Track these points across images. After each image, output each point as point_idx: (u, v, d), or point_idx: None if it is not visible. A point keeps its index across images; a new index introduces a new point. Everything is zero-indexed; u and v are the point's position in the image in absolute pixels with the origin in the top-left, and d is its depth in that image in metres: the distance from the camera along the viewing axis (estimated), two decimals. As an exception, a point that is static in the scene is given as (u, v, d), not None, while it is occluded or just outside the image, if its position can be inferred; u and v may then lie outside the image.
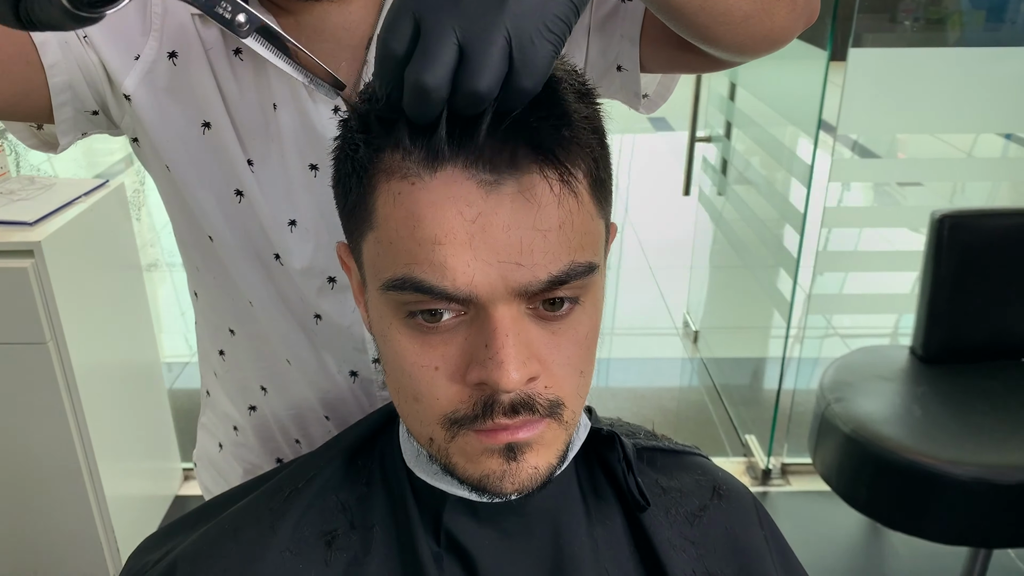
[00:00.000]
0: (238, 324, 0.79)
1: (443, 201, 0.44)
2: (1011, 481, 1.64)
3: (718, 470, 0.67)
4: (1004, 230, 1.98)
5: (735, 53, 0.62)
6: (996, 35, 8.13)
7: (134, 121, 0.68)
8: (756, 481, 2.35)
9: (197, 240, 0.74)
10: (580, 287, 0.48)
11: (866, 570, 2.05)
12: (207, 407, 0.93)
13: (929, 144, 3.70)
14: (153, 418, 2.20)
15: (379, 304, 0.50)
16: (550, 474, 0.51)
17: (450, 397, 0.49)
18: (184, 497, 2.27)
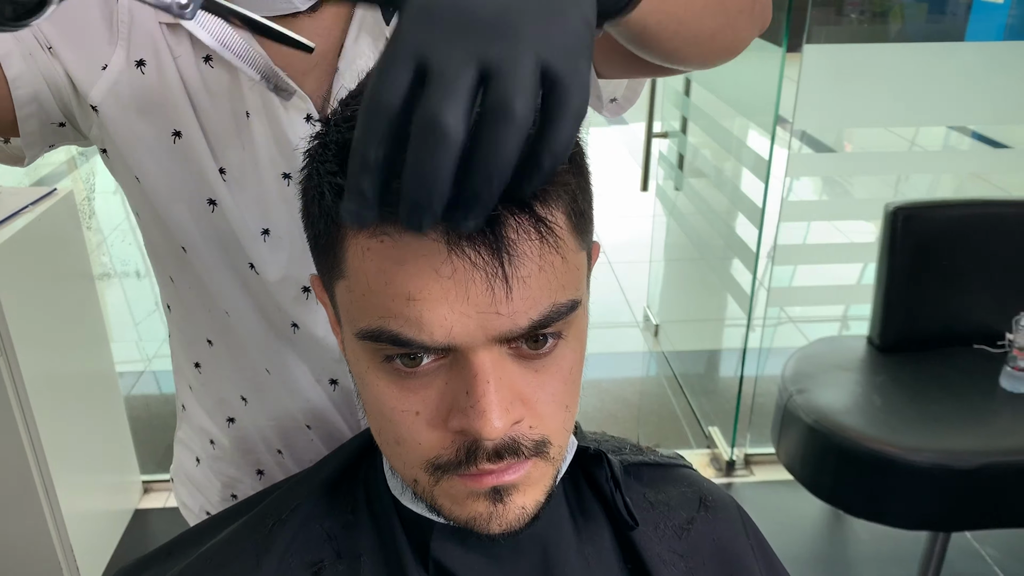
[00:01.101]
0: (216, 334, 0.77)
1: (416, 259, 0.43)
2: (967, 466, 1.68)
3: (703, 481, 0.67)
4: (954, 220, 2.03)
5: (696, 66, 0.61)
6: (938, 27, 8.39)
7: (102, 132, 0.67)
8: (720, 473, 2.38)
9: (170, 251, 0.73)
10: (563, 324, 0.47)
11: (830, 556, 2.10)
12: (183, 421, 0.92)
13: (875, 134, 3.78)
14: (110, 430, 2.14)
15: (355, 347, 0.49)
16: (538, 511, 0.50)
17: (432, 443, 0.47)
18: (144, 511, 2.22)
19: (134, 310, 3.32)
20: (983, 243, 2.02)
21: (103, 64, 0.64)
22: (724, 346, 3.18)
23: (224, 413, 0.83)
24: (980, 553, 2.05)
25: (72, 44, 0.63)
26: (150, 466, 2.33)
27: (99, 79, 0.64)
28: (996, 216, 2.03)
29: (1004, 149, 2.65)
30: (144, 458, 2.30)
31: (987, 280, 2.03)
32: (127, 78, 0.64)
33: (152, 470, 2.32)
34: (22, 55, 0.61)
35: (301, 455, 0.82)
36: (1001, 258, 2.02)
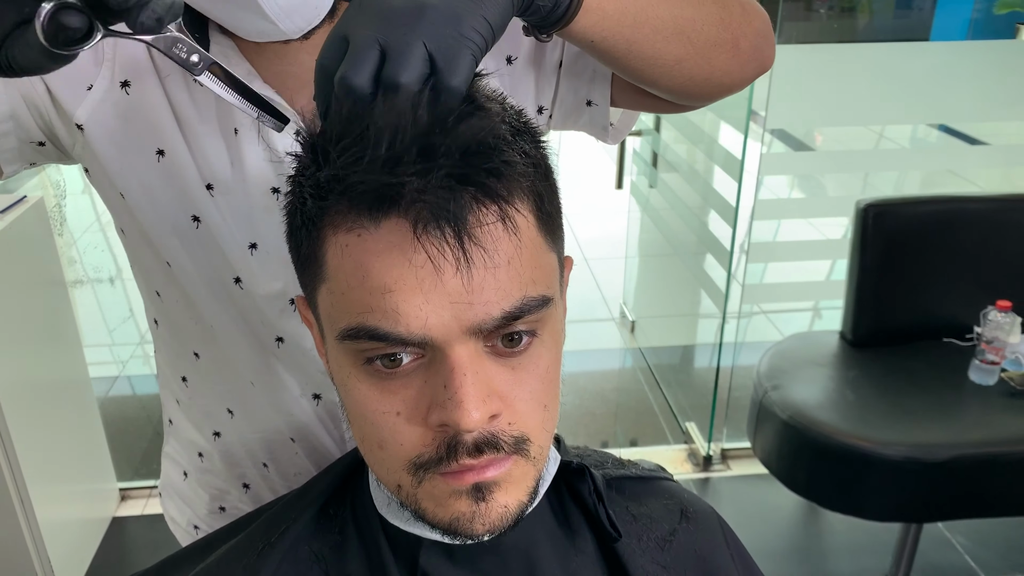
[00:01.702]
0: (202, 347, 0.78)
1: (389, 250, 0.45)
2: (938, 458, 1.72)
3: (684, 492, 0.68)
4: (923, 216, 2.06)
5: (682, 97, 0.64)
6: (905, 23, 8.47)
7: (86, 151, 0.68)
8: (698, 468, 2.41)
9: (156, 266, 0.74)
10: (536, 321, 0.49)
11: (806, 549, 2.13)
12: (170, 436, 0.92)
13: (843, 130, 3.83)
14: (85, 438, 2.12)
15: (337, 354, 0.50)
16: (521, 512, 0.51)
17: (413, 441, 0.49)
18: (122, 519, 2.20)
19: (107, 316, 3.28)
20: (951, 238, 2.05)
21: (88, 85, 0.65)
22: (700, 341, 3.21)
23: (211, 427, 0.84)
24: (951, 542, 2.10)
25: None
26: (127, 473, 2.31)
27: (84, 99, 0.65)
28: (964, 211, 2.07)
29: (974, 145, 2.70)
30: (120, 465, 2.28)
31: (955, 275, 2.07)
32: (112, 98, 0.66)
33: (129, 477, 2.31)
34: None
35: (286, 468, 0.83)
36: (969, 253, 2.06)
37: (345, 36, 0.46)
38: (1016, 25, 7.19)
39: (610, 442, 2.57)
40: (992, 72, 2.18)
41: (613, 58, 0.58)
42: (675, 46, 0.59)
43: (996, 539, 2.10)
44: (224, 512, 0.89)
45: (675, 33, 0.58)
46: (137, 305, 3.35)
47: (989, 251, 2.06)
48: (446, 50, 0.45)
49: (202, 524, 0.91)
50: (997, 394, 1.88)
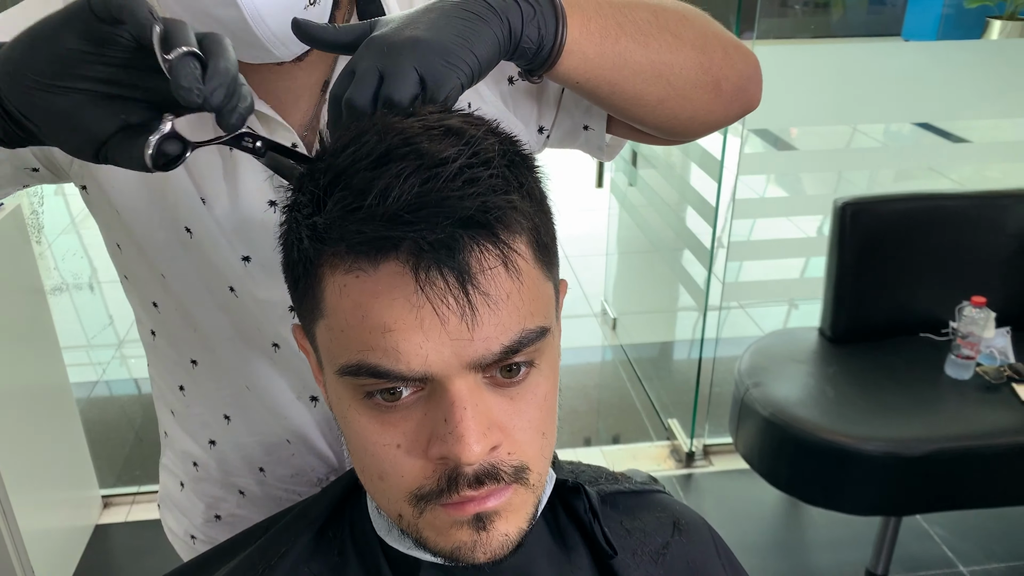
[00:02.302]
0: (200, 354, 0.79)
1: (389, 291, 0.46)
2: (916, 453, 1.75)
3: (676, 504, 0.69)
4: (900, 214, 2.09)
5: (669, 133, 0.69)
6: (878, 19, 8.55)
7: (84, 168, 0.69)
8: (680, 464, 2.43)
9: (153, 278, 0.74)
10: (534, 351, 0.49)
11: (788, 543, 2.16)
12: (166, 448, 0.93)
13: (816, 128, 3.88)
14: (66, 445, 2.10)
15: (337, 387, 0.51)
16: (521, 538, 0.52)
17: (414, 473, 0.49)
18: (105, 526, 2.18)
19: (84, 321, 3.25)
20: (927, 235, 2.09)
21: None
22: (681, 338, 3.24)
23: (207, 435, 0.84)
24: (930, 534, 2.13)
25: None
26: (109, 480, 2.30)
27: None
28: (939, 209, 2.10)
29: (951, 142, 2.73)
30: (103, 472, 2.26)
31: (931, 271, 2.10)
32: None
33: (111, 484, 2.29)
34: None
35: (283, 471, 0.83)
36: (944, 249, 2.09)
37: (352, 70, 0.52)
38: (986, 19, 7.28)
39: (592, 439, 2.58)
40: (966, 70, 2.21)
41: (599, 98, 0.63)
42: (656, 88, 0.63)
43: (973, 530, 2.14)
44: (220, 520, 0.89)
45: (654, 76, 0.62)
46: (115, 310, 3.32)
47: (964, 247, 2.09)
48: (435, 74, 0.51)
49: (199, 534, 0.91)
50: (972, 388, 1.92)
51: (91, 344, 3.11)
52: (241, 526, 0.87)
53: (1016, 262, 2.10)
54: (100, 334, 3.16)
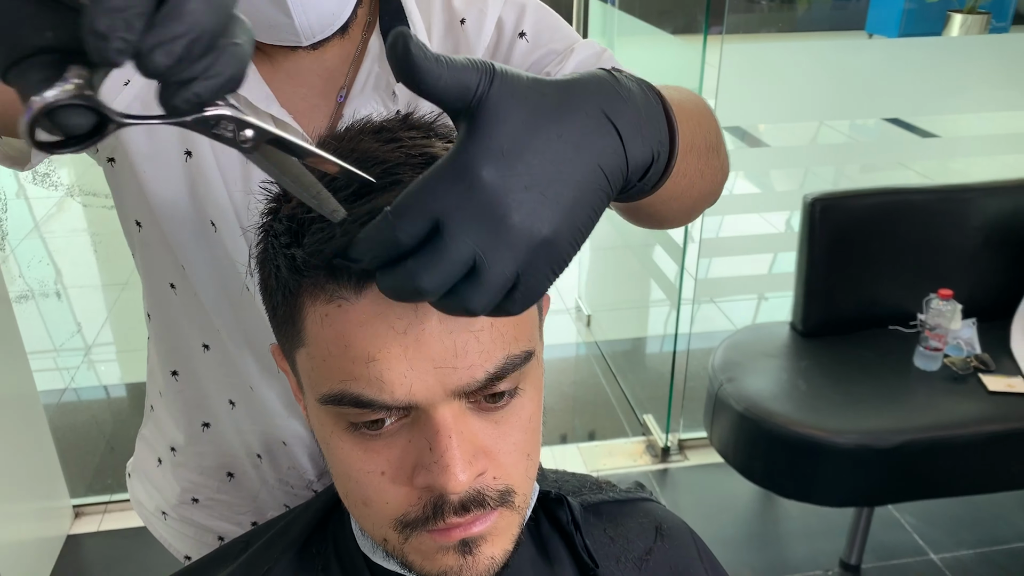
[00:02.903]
0: (213, 342, 0.78)
1: (372, 320, 0.45)
2: (887, 445, 1.78)
3: (659, 510, 0.70)
4: (868, 209, 2.12)
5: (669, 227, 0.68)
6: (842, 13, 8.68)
7: (116, 141, 0.68)
8: (656, 459, 2.45)
9: (175, 263, 0.74)
10: (519, 376, 0.49)
11: (763, 535, 2.19)
12: (150, 420, 0.92)
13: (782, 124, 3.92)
14: (36, 455, 2.07)
15: (319, 414, 0.50)
16: (506, 559, 0.52)
17: (399, 501, 0.49)
18: (77, 536, 2.15)
19: (55, 333, 3.20)
20: (895, 229, 2.12)
21: (126, 80, 0.66)
22: (654, 333, 3.26)
23: (199, 419, 0.84)
24: (901, 522, 2.17)
25: None
26: (80, 489, 2.26)
27: (121, 92, 0.66)
28: (906, 203, 2.14)
29: (915, 136, 2.76)
30: (73, 482, 2.22)
31: (899, 264, 2.13)
32: (147, 95, 0.66)
33: (82, 493, 2.25)
34: None
35: (278, 464, 0.83)
36: (911, 242, 2.13)
37: (439, 220, 0.37)
38: (947, 13, 7.39)
39: (569, 436, 2.59)
40: (930, 67, 2.25)
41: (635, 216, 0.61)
42: (683, 215, 0.62)
43: (943, 518, 2.18)
44: (197, 503, 0.89)
45: (692, 207, 0.61)
46: (83, 316, 3.27)
47: (931, 241, 2.13)
48: (534, 283, 0.39)
49: (171, 512, 0.91)
50: (940, 379, 1.96)
51: (58, 351, 3.06)
52: (220, 509, 0.87)
53: (980, 255, 2.14)
54: (68, 340, 3.11)
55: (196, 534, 0.91)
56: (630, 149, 0.41)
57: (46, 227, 3.99)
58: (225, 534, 0.89)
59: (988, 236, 2.13)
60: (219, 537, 0.90)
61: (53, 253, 3.77)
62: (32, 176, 3.34)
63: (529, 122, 0.38)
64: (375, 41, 0.69)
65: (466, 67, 0.37)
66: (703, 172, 0.56)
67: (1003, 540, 2.12)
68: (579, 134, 0.39)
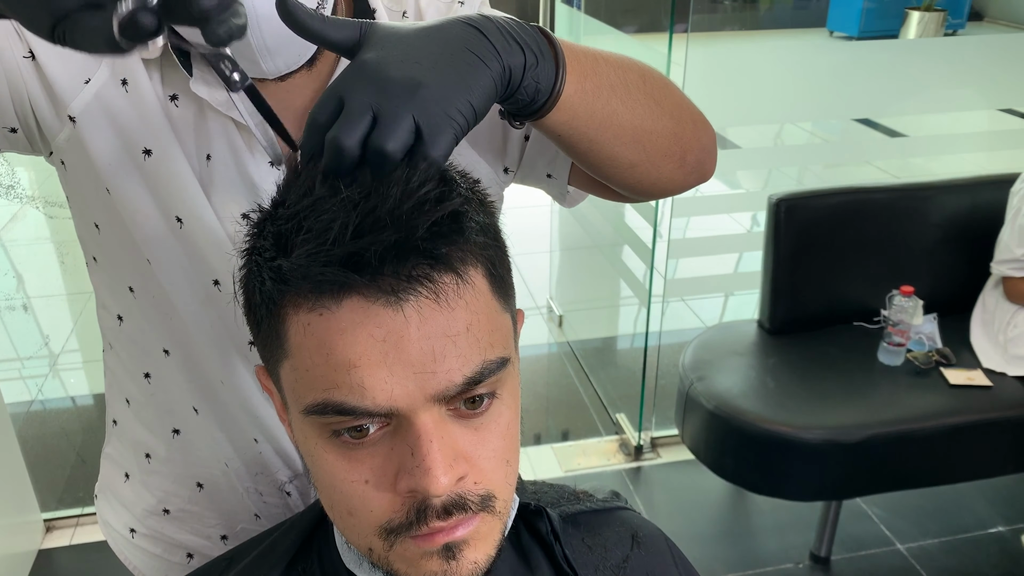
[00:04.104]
0: (174, 345, 0.78)
1: (352, 328, 0.46)
2: (853, 439, 1.82)
3: (635, 518, 0.72)
4: (831, 208, 2.17)
5: (630, 192, 0.69)
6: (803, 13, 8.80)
7: (72, 143, 0.68)
8: (629, 457, 2.48)
9: (133, 263, 0.74)
10: (496, 382, 0.51)
11: (734, 530, 2.22)
12: (113, 436, 0.91)
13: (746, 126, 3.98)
14: (4, 469, 2.04)
15: (303, 426, 0.51)
16: (489, 564, 0.53)
17: (383, 508, 0.50)
18: (48, 551, 2.12)
19: (20, 345, 3.15)
20: (858, 227, 2.17)
21: (86, 78, 0.66)
22: (625, 332, 3.29)
23: (170, 424, 0.83)
24: (868, 514, 2.22)
25: (58, 55, 0.65)
26: (50, 503, 2.23)
27: (81, 91, 0.66)
28: (868, 202, 2.19)
29: (889, 138, 2.82)
30: (43, 495, 2.20)
31: (862, 262, 2.18)
32: (109, 93, 0.67)
33: (53, 507, 2.23)
34: None
35: (248, 468, 0.83)
36: (874, 240, 2.17)
37: (341, 97, 0.48)
38: (905, 11, 7.53)
39: (543, 436, 2.61)
40: (890, 67, 2.30)
41: (574, 151, 0.62)
42: (631, 152, 0.63)
43: (909, 509, 2.23)
44: (168, 515, 0.88)
45: (633, 141, 0.62)
46: (49, 327, 3.22)
47: (893, 238, 2.18)
48: (433, 126, 0.48)
49: (140, 527, 0.91)
50: (904, 373, 2.01)
51: (22, 360, 3.02)
52: (190, 522, 0.87)
53: (940, 251, 2.19)
54: (35, 351, 3.07)
55: (164, 551, 0.90)
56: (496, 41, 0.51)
57: (6, 236, 3.92)
58: (194, 550, 0.89)
59: (947, 232, 2.19)
60: (188, 554, 0.90)
61: (15, 263, 3.71)
62: (-3, 189, 3.28)
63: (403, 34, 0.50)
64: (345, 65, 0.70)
65: (347, 22, 0.51)
66: (626, 103, 0.61)
67: (966, 529, 2.18)
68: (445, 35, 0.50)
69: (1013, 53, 2.36)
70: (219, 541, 0.88)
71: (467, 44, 0.50)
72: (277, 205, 0.51)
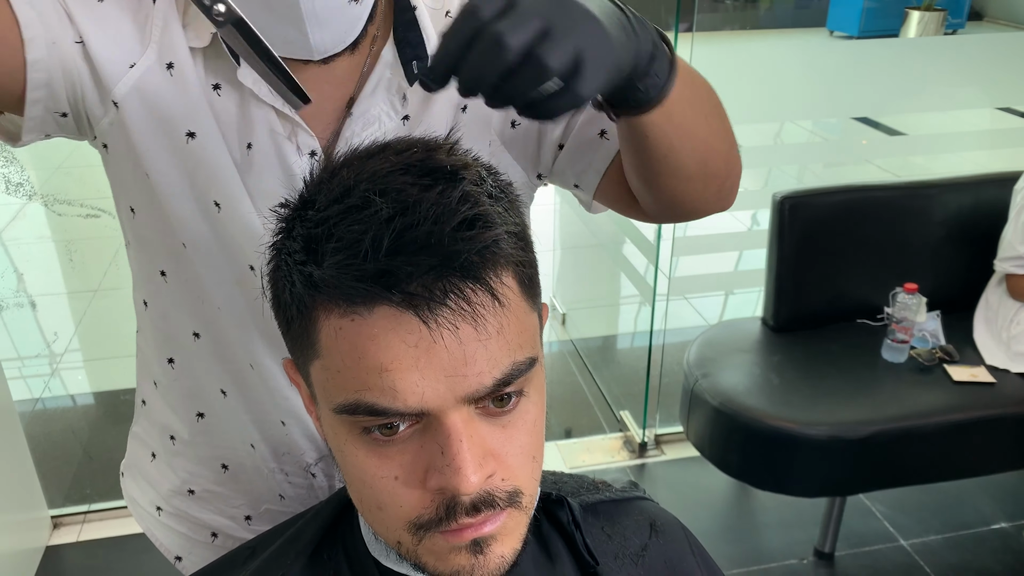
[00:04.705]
0: (204, 328, 0.79)
1: (384, 333, 0.47)
2: (857, 435, 1.83)
3: (652, 507, 0.73)
4: (835, 206, 2.18)
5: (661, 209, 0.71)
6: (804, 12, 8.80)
7: (116, 127, 0.69)
8: (633, 454, 2.49)
9: (168, 246, 0.75)
10: (524, 381, 0.51)
11: (739, 526, 2.24)
12: (141, 416, 0.93)
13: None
14: (12, 466, 2.05)
15: (333, 423, 0.52)
16: (516, 558, 0.54)
17: (412, 503, 0.51)
18: (56, 547, 2.13)
19: (24, 338, 3.16)
20: (861, 225, 2.18)
21: (131, 63, 0.68)
22: (629, 330, 3.30)
23: (195, 408, 0.85)
24: (872, 510, 2.23)
25: (105, 40, 0.67)
26: (57, 500, 2.24)
27: (125, 75, 0.68)
28: (872, 200, 2.20)
29: (890, 137, 2.82)
30: (51, 492, 2.21)
31: (866, 259, 2.19)
32: (153, 77, 0.68)
33: (60, 504, 2.24)
34: (46, 42, 0.64)
35: (274, 450, 0.84)
36: (878, 238, 2.18)
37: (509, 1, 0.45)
38: (905, 10, 7.54)
39: (547, 433, 2.62)
40: (890, 67, 2.31)
41: (650, 154, 0.63)
42: (695, 166, 0.65)
43: (912, 505, 2.25)
44: (193, 495, 0.90)
45: (701, 158, 0.64)
46: (57, 324, 3.23)
47: (896, 236, 2.19)
48: (594, 62, 0.46)
49: (166, 505, 0.92)
50: (907, 370, 2.02)
51: (23, 360, 3.02)
52: (215, 503, 0.89)
53: (943, 249, 2.20)
54: (42, 349, 3.08)
55: (189, 530, 0.92)
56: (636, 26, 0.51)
57: (8, 235, 3.93)
58: (219, 529, 0.91)
59: (950, 230, 2.20)
60: (212, 533, 0.91)
61: (16, 262, 3.72)
62: (5, 186, 3.29)
63: None
64: (388, 50, 0.71)
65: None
66: (708, 119, 0.63)
67: (968, 525, 2.19)
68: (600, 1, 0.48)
69: (1013, 52, 2.37)
70: (243, 521, 0.89)
71: (618, 16, 0.49)
72: (306, 205, 0.51)
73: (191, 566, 0.92)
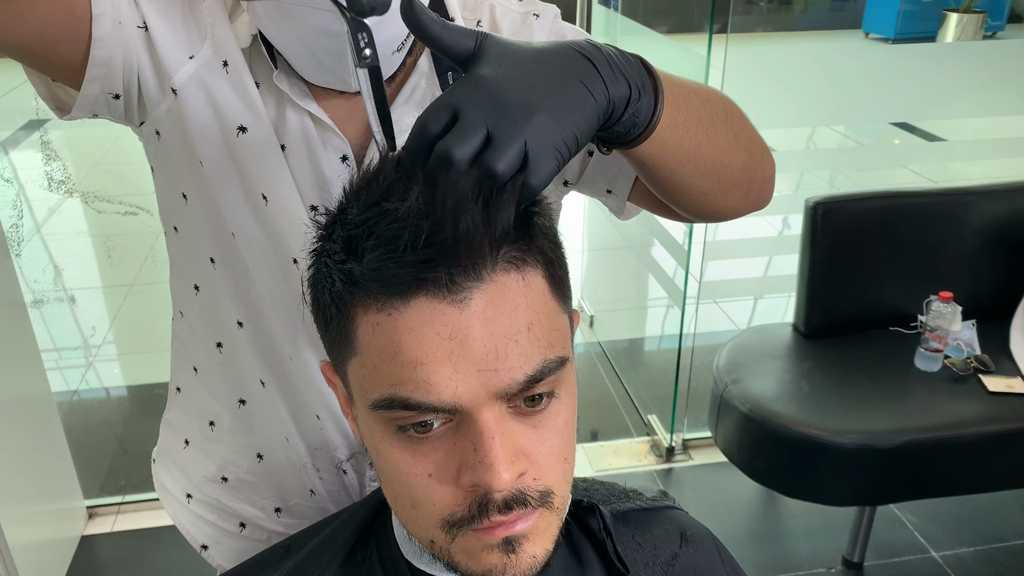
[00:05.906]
0: (248, 317, 0.81)
1: (420, 327, 0.48)
2: (889, 444, 1.81)
3: (683, 516, 0.73)
4: (869, 212, 2.16)
5: (693, 216, 0.72)
6: (839, 14, 8.70)
7: (173, 114, 0.72)
8: (661, 459, 2.48)
9: (218, 234, 0.77)
10: (554, 381, 0.52)
11: (766, 533, 2.22)
12: (175, 404, 0.95)
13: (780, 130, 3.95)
14: (50, 457, 2.10)
15: (369, 421, 0.53)
16: (548, 559, 0.55)
17: (446, 501, 0.52)
18: (91, 537, 2.18)
19: (62, 332, 3.22)
20: (895, 232, 2.15)
21: (191, 54, 0.71)
22: (657, 333, 3.29)
23: (237, 394, 0.86)
24: (902, 521, 2.21)
25: (169, 29, 0.70)
26: (93, 490, 2.29)
27: (185, 65, 0.70)
28: (906, 206, 2.17)
29: (929, 144, 2.79)
30: (86, 483, 2.25)
31: (899, 266, 2.17)
32: (211, 71, 0.71)
33: (95, 494, 2.28)
34: (112, 21, 0.66)
35: (308, 443, 0.86)
36: (912, 245, 2.16)
37: (455, 108, 0.48)
38: (943, 12, 7.42)
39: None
40: (930, 71, 2.28)
41: (653, 179, 0.64)
42: (706, 183, 0.65)
43: (943, 516, 2.22)
44: (226, 483, 0.92)
45: (710, 173, 0.64)
46: (93, 318, 3.29)
47: (931, 243, 2.16)
48: (540, 154, 0.48)
49: (196, 492, 0.94)
50: (941, 380, 1.99)
51: (60, 351, 3.09)
52: (247, 492, 0.90)
53: (980, 257, 2.17)
54: (80, 342, 3.14)
55: (219, 518, 0.93)
56: (604, 74, 0.51)
57: (46, 230, 4.01)
58: (248, 519, 0.92)
59: (987, 238, 2.16)
60: (241, 523, 0.92)
61: (54, 255, 3.80)
62: (48, 183, 3.36)
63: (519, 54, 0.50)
64: (424, 60, 0.73)
65: (465, 31, 0.51)
66: (711, 137, 0.62)
67: (1002, 538, 2.16)
68: (559, 61, 0.50)
69: (1055, 57, 2.33)
70: (273, 513, 0.91)
71: (579, 74, 0.50)
72: (345, 210, 0.53)
73: (217, 556, 0.94)
